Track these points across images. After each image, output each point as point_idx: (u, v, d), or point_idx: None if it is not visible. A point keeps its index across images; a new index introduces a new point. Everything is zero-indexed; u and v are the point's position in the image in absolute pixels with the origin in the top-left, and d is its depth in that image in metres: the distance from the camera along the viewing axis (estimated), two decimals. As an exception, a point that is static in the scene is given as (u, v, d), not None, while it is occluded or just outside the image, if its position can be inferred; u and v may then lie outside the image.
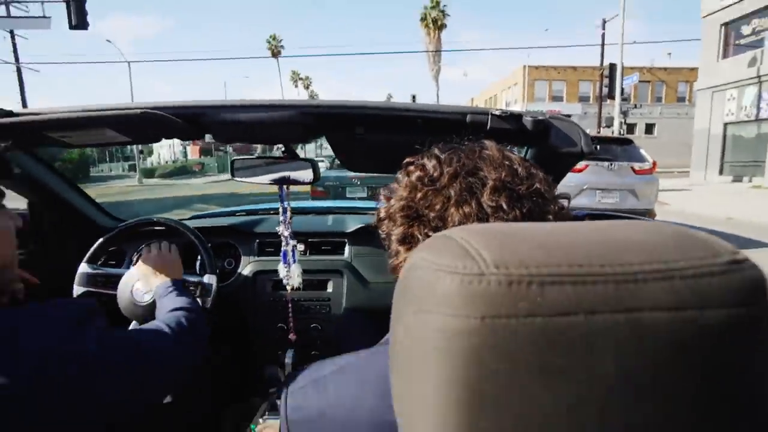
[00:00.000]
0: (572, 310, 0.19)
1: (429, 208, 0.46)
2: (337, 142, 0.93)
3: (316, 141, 0.98)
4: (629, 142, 5.57)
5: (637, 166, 5.23)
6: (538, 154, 0.99)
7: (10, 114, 0.75)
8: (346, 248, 1.37)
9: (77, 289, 1.13)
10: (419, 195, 0.47)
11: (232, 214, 1.74)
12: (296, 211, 1.11)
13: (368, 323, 1.25)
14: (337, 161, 9.48)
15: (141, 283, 1.03)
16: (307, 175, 1.00)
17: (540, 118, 0.80)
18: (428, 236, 0.45)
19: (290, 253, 1.15)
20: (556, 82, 27.05)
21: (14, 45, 15.82)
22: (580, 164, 4.11)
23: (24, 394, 0.45)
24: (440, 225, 0.45)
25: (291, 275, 1.14)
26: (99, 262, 1.20)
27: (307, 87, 63.97)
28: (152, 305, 1.00)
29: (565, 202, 0.49)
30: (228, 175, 1.11)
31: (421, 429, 0.22)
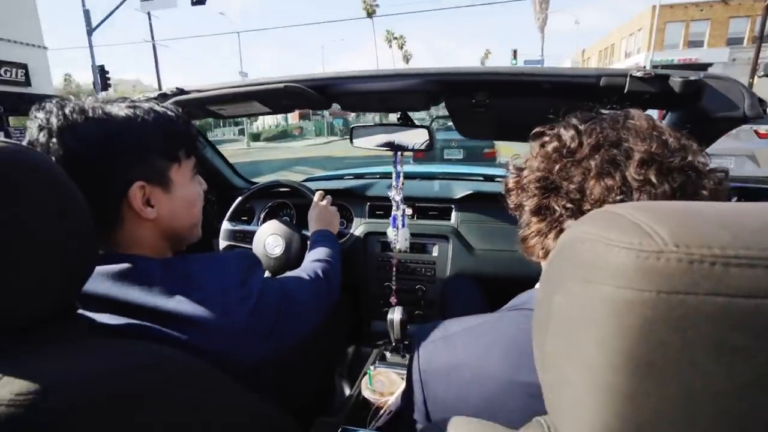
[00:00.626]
0: (760, 293, 0.19)
1: (567, 180, 0.45)
2: (457, 110, 0.92)
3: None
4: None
5: (763, 129, 4.44)
6: (683, 118, 0.88)
7: (182, 92, 0.90)
8: (453, 214, 1.38)
9: (222, 243, 1.31)
10: (557, 167, 0.46)
11: (341, 177, 1.84)
12: (404, 176, 1.14)
13: (472, 288, 1.26)
14: (435, 123, 9.34)
15: (272, 237, 1.17)
16: (422, 141, 1.01)
17: (692, 78, 0.70)
18: (566, 208, 0.45)
19: (400, 218, 1.19)
20: (696, 22, 22.12)
21: (150, 25, 18.06)
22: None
23: (218, 325, 0.55)
24: (578, 197, 0.44)
25: (399, 239, 1.19)
26: (239, 219, 1.37)
27: (401, 47, 62.78)
28: (282, 257, 1.15)
29: (722, 176, 0.44)
30: (324, 139, 1.17)
31: (581, 387, 0.23)
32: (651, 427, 0.21)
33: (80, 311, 0.53)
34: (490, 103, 0.86)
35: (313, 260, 0.92)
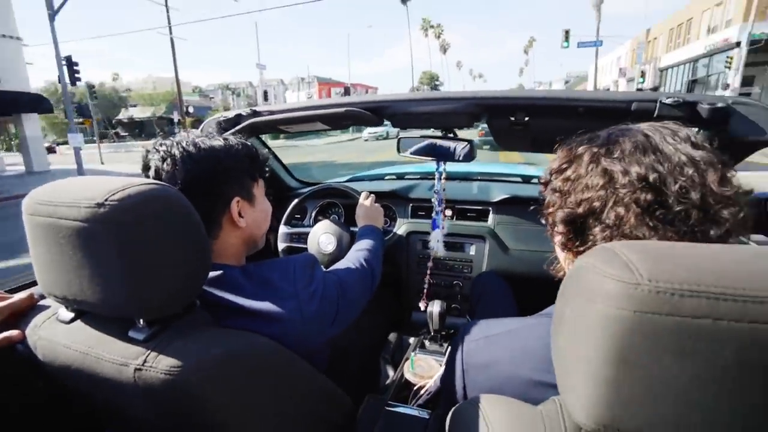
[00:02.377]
0: (703, 315, 0.28)
1: (606, 209, 0.47)
2: (497, 127, 1.02)
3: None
4: None
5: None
6: (712, 137, 0.93)
7: (256, 114, 1.08)
8: (490, 216, 1.47)
9: (281, 245, 1.45)
10: (599, 194, 0.48)
11: (383, 177, 1.98)
12: (445, 177, 1.23)
13: (501, 284, 1.34)
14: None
15: (325, 236, 1.29)
16: (464, 152, 1.11)
17: (719, 105, 0.74)
18: (600, 237, 0.48)
19: (441, 221, 1.31)
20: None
21: (168, 18, 18.17)
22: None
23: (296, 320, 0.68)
24: (615, 226, 0.47)
25: (438, 245, 1.31)
26: (293, 222, 1.53)
27: (438, 36, 61.02)
28: (334, 253, 1.27)
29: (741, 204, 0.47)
30: (349, 135, 1.27)
31: (581, 374, 0.33)
32: (626, 404, 0.30)
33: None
34: (528, 122, 0.95)
35: (357, 250, 1.04)
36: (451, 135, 1.14)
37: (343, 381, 0.85)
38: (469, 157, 1.12)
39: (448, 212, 1.50)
